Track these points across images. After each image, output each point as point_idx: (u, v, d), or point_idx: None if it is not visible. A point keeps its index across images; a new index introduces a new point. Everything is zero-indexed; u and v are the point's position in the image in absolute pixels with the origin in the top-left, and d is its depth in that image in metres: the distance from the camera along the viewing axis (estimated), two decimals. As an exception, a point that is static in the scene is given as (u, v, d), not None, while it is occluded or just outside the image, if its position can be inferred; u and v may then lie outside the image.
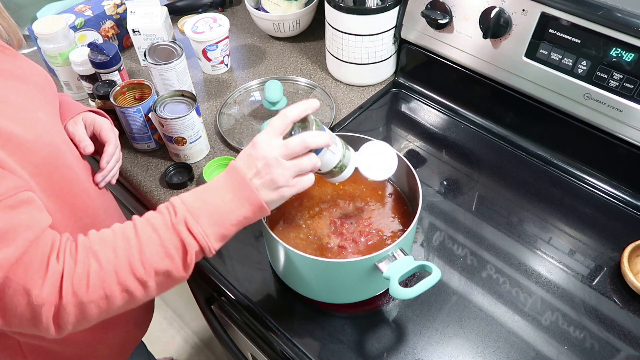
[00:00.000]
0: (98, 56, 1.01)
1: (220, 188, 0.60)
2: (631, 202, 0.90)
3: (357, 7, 1.01)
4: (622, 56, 0.79)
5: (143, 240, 0.58)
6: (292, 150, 0.60)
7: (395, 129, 1.07)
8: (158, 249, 0.57)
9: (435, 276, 0.64)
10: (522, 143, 1.00)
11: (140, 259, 0.57)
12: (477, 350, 0.73)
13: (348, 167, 0.69)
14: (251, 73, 1.20)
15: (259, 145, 0.60)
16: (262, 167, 0.59)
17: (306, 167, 0.61)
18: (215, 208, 0.59)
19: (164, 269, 0.58)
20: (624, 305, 0.77)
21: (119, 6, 1.22)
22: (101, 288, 0.56)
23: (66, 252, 0.57)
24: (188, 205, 0.59)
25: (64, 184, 0.67)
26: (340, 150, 0.67)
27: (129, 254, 0.57)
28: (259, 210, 0.60)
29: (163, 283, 0.60)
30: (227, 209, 0.59)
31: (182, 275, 0.60)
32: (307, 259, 0.68)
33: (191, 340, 1.78)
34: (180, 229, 0.58)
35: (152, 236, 0.58)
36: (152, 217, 0.60)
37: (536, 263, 0.82)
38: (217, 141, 1.04)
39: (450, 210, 0.90)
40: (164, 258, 0.58)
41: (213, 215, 0.59)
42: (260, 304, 0.79)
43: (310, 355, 0.73)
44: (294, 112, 0.61)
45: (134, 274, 0.57)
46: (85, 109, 0.83)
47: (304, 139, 0.60)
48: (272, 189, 0.60)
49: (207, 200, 0.60)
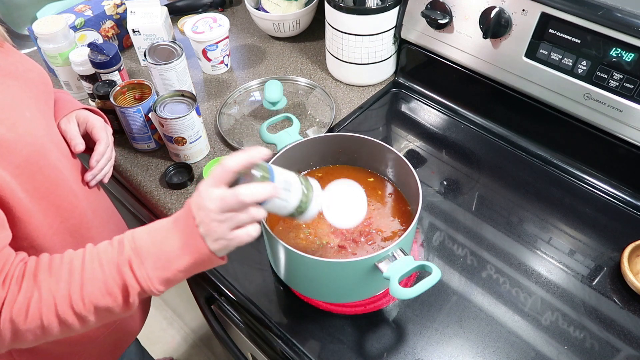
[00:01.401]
0: (98, 56, 1.01)
1: (172, 232, 0.59)
2: (631, 202, 0.90)
3: (357, 7, 1.01)
4: (622, 56, 0.79)
5: (87, 275, 0.57)
6: (227, 204, 0.57)
7: (395, 129, 1.07)
8: (100, 285, 0.57)
9: (435, 276, 0.64)
10: (522, 143, 1.00)
11: (80, 294, 0.57)
12: (477, 350, 0.73)
13: (309, 210, 0.64)
14: (251, 73, 1.20)
15: (201, 194, 0.58)
16: (203, 217, 0.57)
17: (243, 221, 0.58)
18: (163, 252, 0.58)
19: (104, 305, 0.58)
20: (624, 305, 0.77)
21: (119, 6, 1.22)
22: (39, 318, 0.56)
23: (13, 278, 0.56)
24: (137, 244, 0.58)
25: (49, 184, 0.67)
26: (295, 196, 0.63)
27: (71, 287, 0.57)
28: (206, 259, 0.59)
29: (103, 317, 0.59)
30: (175, 255, 0.58)
31: (124, 312, 0.60)
32: (307, 259, 0.68)
33: (191, 340, 1.78)
34: (124, 270, 0.57)
35: (97, 270, 0.57)
36: (102, 250, 0.59)
37: (536, 263, 0.82)
38: (217, 141, 1.04)
39: (450, 210, 0.90)
40: (105, 295, 0.57)
41: (160, 259, 0.58)
42: (260, 304, 0.79)
43: (310, 355, 0.73)
44: (235, 163, 0.57)
45: (72, 308, 0.57)
46: (80, 106, 0.82)
47: (237, 194, 0.56)
48: (213, 240, 0.58)
49: (157, 242, 0.58)
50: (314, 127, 1.05)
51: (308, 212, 0.65)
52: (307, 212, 0.65)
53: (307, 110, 1.09)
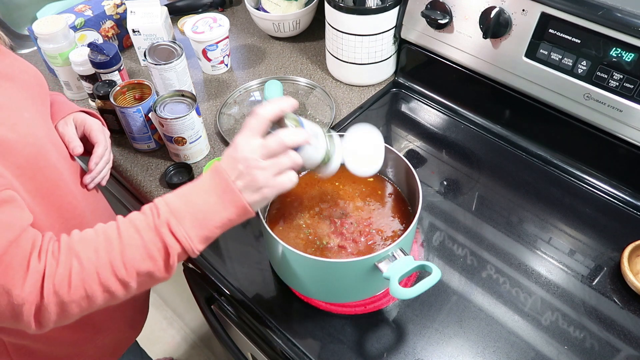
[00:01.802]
0: (98, 56, 1.01)
1: (205, 190, 0.60)
2: (631, 202, 0.90)
3: (357, 7, 1.01)
4: (622, 56, 0.79)
5: (125, 241, 0.57)
6: (271, 150, 0.59)
7: (395, 129, 1.07)
8: (140, 250, 0.57)
9: (435, 276, 0.64)
10: (522, 143, 1.00)
11: (122, 260, 0.57)
12: (477, 350, 0.73)
13: (333, 159, 0.67)
14: (251, 73, 1.20)
15: (239, 146, 0.59)
16: (244, 169, 0.58)
17: (285, 165, 0.60)
18: (199, 210, 0.59)
19: (145, 270, 0.58)
20: (624, 305, 0.77)
21: (119, 6, 1.22)
22: (82, 288, 0.56)
23: (48, 252, 0.57)
24: (171, 207, 0.59)
25: (49, 184, 0.67)
26: (323, 144, 0.66)
27: (111, 254, 0.57)
28: (243, 212, 0.60)
29: (145, 283, 0.60)
30: (211, 211, 0.59)
31: (164, 276, 0.60)
32: (307, 259, 0.68)
33: (191, 340, 1.78)
34: (162, 231, 0.58)
35: (135, 237, 0.58)
36: (135, 218, 0.59)
37: (536, 263, 0.82)
38: (217, 141, 1.04)
39: (450, 210, 0.90)
40: (146, 259, 0.58)
41: (197, 217, 0.59)
42: (261, 304, 0.79)
43: (310, 355, 0.73)
44: (269, 111, 0.60)
45: (115, 275, 0.57)
46: (77, 109, 0.82)
47: (280, 138, 0.59)
48: (254, 190, 0.59)
49: (191, 202, 0.59)
50: (314, 127, 1.05)
51: (332, 161, 0.67)
52: (331, 162, 0.67)
53: (307, 110, 1.09)
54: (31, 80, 0.71)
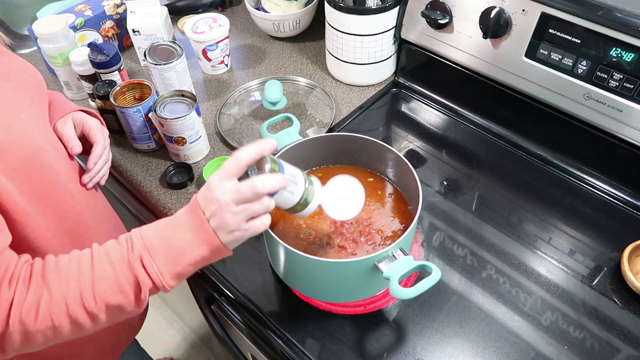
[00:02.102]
0: (98, 56, 1.01)
1: (181, 226, 0.59)
2: (631, 202, 0.90)
3: (357, 7, 1.01)
4: (622, 56, 0.79)
5: (97, 273, 0.57)
6: (243, 196, 0.58)
7: (395, 129, 1.07)
8: (111, 283, 0.57)
9: (435, 276, 0.64)
10: (522, 143, 1.00)
11: (92, 292, 0.57)
12: (477, 350, 0.73)
13: (311, 203, 0.66)
14: (251, 73, 1.20)
15: (212, 187, 0.59)
16: (216, 210, 0.58)
17: (257, 211, 0.59)
18: (174, 246, 0.58)
19: (115, 304, 0.58)
20: (624, 305, 0.77)
21: (119, 6, 1.22)
22: (49, 318, 0.56)
23: (19, 278, 0.56)
24: (146, 242, 0.58)
25: (45, 185, 0.67)
26: (300, 189, 0.64)
27: (82, 285, 0.57)
28: (217, 251, 0.60)
29: (114, 316, 0.59)
30: (185, 249, 0.59)
31: (134, 310, 0.60)
32: (307, 259, 0.68)
33: (191, 340, 1.78)
34: (135, 266, 0.57)
35: (107, 269, 0.57)
36: (110, 248, 0.59)
37: (536, 263, 0.82)
38: (217, 141, 1.04)
39: (450, 210, 0.90)
40: (117, 293, 0.57)
41: (170, 253, 0.58)
42: (260, 304, 0.79)
43: (310, 355, 0.73)
44: (247, 155, 0.59)
45: (84, 307, 0.57)
46: (75, 108, 0.82)
47: (254, 185, 0.58)
48: (226, 232, 0.59)
49: (166, 237, 0.59)
50: (314, 127, 1.05)
51: (310, 205, 0.66)
52: (309, 206, 0.66)
53: (307, 110, 1.09)
54: (29, 80, 0.71)
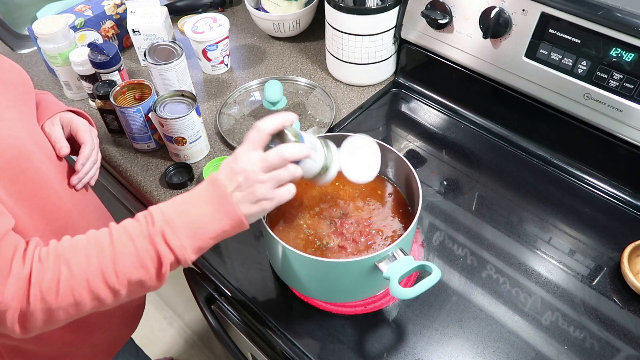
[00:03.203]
0: (98, 56, 1.01)
1: (201, 200, 0.60)
2: (631, 202, 0.90)
3: (357, 7, 1.01)
4: (622, 56, 0.79)
5: (118, 249, 0.57)
6: (271, 163, 0.59)
7: (395, 129, 1.07)
8: (133, 258, 0.57)
9: (435, 276, 0.64)
10: (522, 143, 1.00)
11: (113, 268, 0.57)
12: (477, 350, 0.73)
13: (331, 168, 0.68)
14: (251, 73, 1.20)
15: (239, 158, 0.59)
16: (243, 181, 0.59)
17: (285, 178, 0.61)
18: (194, 220, 0.59)
19: (137, 279, 0.58)
20: (624, 305, 0.77)
21: (119, 6, 1.22)
22: (71, 295, 0.56)
23: (34, 258, 0.56)
24: (167, 216, 0.58)
25: (32, 186, 0.66)
26: (321, 156, 0.66)
27: (103, 262, 0.57)
28: (237, 224, 0.60)
29: (135, 291, 0.59)
30: (206, 222, 0.59)
31: (155, 285, 0.60)
32: (307, 259, 0.68)
33: (191, 341, 1.78)
34: (156, 240, 0.57)
35: (128, 245, 0.57)
36: (128, 225, 0.59)
37: (536, 263, 0.82)
38: (217, 141, 1.04)
39: (450, 210, 0.90)
40: (139, 268, 0.57)
41: (191, 227, 0.58)
42: (260, 304, 0.79)
43: (310, 355, 0.73)
44: (269, 125, 0.60)
45: (106, 282, 0.57)
46: (63, 108, 0.81)
47: (281, 152, 0.59)
48: (252, 202, 0.59)
49: (187, 212, 0.59)
50: (314, 127, 1.05)
51: (330, 170, 0.68)
52: (329, 171, 0.68)
53: (307, 110, 1.09)
54: (15, 79, 0.70)
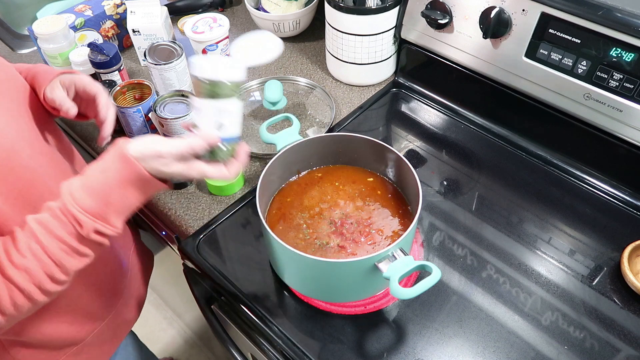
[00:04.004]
0: (98, 56, 1.01)
1: (118, 184, 0.62)
2: (631, 202, 0.90)
3: (357, 7, 1.01)
4: (622, 56, 0.79)
5: (55, 257, 0.60)
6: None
7: (395, 129, 1.07)
8: (73, 257, 0.61)
9: (435, 276, 0.64)
10: (522, 143, 1.00)
11: (59, 270, 0.61)
12: (477, 350, 0.73)
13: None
14: (251, 73, 1.20)
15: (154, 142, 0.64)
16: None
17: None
18: (122, 206, 0.63)
19: (85, 262, 0.63)
20: (624, 305, 0.77)
21: (119, 6, 1.22)
22: (27, 303, 0.60)
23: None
24: (92, 212, 0.60)
25: (22, 184, 0.66)
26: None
27: (47, 270, 0.60)
28: (143, 179, 0.63)
29: (81, 266, 0.63)
30: (131, 203, 0.63)
31: (106, 245, 0.64)
32: (307, 259, 0.68)
33: (191, 341, 1.78)
34: (92, 237, 0.61)
35: (64, 250, 0.60)
36: (55, 229, 0.60)
37: (536, 263, 0.82)
38: (217, 141, 1.04)
39: (450, 210, 0.90)
40: (82, 258, 0.62)
41: (120, 210, 0.62)
42: (261, 304, 0.79)
43: (310, 355, 0.73)
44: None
45: (56, 282, 0.61)
46: (60, 71, 0.79)
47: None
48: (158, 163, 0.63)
49: (111, 203, 0.61)
50: (314, 127, 1.05)
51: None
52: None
53: (307, 110, 1.09)
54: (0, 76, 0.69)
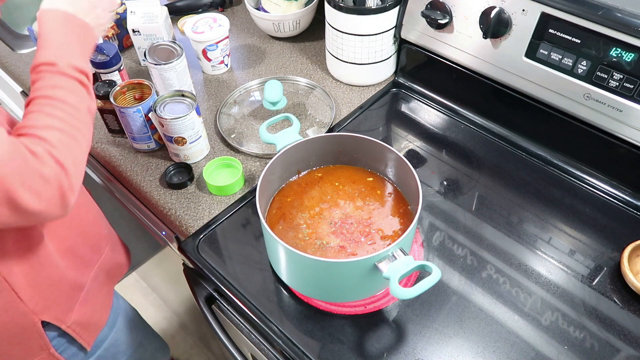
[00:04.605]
0: (98, 56, 1.01)
1: (67, 38, 0.67)
2: (631, 202, 0.90)
3: (357, 7, 1.01)
4: (622, 56, 0.79)
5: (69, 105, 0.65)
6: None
7: (395, 129, 1.07)
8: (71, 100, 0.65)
9: (435, 276, 0.64)
10: (522, 143, 1.00)
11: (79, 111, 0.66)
12: (477, 350, 0.73)
13: None
14: (251, 73, 1.20)
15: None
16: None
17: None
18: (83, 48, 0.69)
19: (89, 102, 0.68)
20: (624, 305, 0.77)
21: (119, 6, 1.22)
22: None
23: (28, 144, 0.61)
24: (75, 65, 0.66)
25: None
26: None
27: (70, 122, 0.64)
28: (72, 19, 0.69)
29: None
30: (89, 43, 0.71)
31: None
32: (307, 259, 0.68)
33: (191, 340, 1.78)
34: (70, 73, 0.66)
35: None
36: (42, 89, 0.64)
37: (536, 263, 0.82)
38: (217, 141, 1.04)
39: (450, 210, 0.90)
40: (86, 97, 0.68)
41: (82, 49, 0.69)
42: (260, 304, 0.79)
43: (310, 355, 0.73)
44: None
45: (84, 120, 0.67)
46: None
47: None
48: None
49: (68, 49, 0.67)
50: (314, 127, 1.05)
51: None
52: None
53: (307, 110, 1.09)
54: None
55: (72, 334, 0.86)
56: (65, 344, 0.86)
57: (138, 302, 1.87)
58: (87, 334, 0.90)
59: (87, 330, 0.90)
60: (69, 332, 0.85)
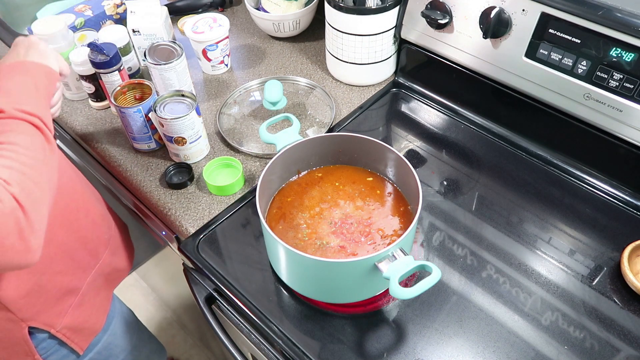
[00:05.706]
0: (98, 56, 1.01)
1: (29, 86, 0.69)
2: (631, 202, 0.90)
3: (357, 7, 1.01)
4: (622, 56, 0.79)
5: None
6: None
7: (395, 129, 1.07)
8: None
9: (435, 276, 0.64)
10: (522, 143, 1.00)
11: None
12: (477, 350, 0.73)
13: None
14: (251, 73, 1.20)
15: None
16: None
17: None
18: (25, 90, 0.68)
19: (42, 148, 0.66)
20: (624, 305, 0.77)
21: (119, 6, 1.22)
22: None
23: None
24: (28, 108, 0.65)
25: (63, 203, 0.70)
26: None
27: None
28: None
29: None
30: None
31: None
32: (307, 259, 0.68)
33: (191, 340, 1.78)
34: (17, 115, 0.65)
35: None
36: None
37: (536, 263, 0.82)
38: (217, 141, 1.04)
39: (450, 210, 0.90)
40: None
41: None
42: (260, 304, 0.79)
43: (310, 355, 0.73)
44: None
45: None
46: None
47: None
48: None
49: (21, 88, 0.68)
50: (314, 127, 1.05)
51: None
52: None
53: (307, 110, 1.09)
54: None
55: (62, 338, 0.85)
56: (55, 346, 0.85)
57: (138, 302, 1.87)
58: (80, 337, 0.89)
59: (81, 334, 0.89)
60: (58, 337, 0.84)
